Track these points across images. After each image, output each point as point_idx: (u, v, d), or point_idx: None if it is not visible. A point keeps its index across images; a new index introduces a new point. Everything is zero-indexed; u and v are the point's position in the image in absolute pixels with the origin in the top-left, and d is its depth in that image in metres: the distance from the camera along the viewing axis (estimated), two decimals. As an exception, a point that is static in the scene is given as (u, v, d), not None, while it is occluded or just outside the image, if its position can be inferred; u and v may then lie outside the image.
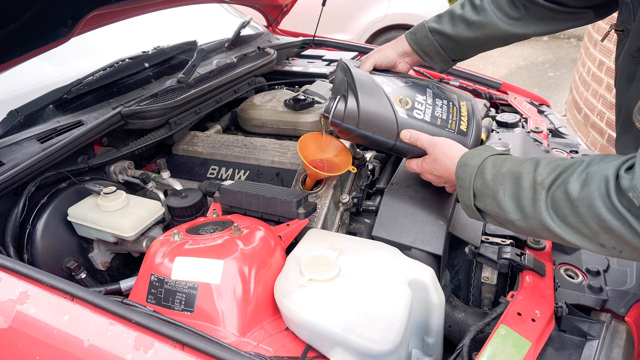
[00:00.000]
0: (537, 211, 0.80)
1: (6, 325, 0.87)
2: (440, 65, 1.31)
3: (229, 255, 0.94)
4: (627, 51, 0.96)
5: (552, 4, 1.13)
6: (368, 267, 0.95)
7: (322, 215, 1.25)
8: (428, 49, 1.28)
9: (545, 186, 0.80)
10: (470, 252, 1.13)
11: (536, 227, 0.82)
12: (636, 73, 0.92)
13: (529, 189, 0.82)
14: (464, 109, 1.20)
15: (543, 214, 0.79)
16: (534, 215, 0.81)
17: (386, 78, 1.20)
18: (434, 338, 0.96)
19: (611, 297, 1.02)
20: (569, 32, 6.99)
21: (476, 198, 0.93)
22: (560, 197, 0.77)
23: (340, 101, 1.13)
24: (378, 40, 5.12)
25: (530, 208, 0.82)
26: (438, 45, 1.26)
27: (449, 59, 1.29)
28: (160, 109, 1.45)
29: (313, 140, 1.32)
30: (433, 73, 2.25)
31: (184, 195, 1.27)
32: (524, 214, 0.83)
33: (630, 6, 0.94)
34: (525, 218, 0.83)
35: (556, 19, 1.16)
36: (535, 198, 0.81)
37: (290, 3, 2.33)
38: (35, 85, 1.48)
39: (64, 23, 1.33)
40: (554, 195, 0.78)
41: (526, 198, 0.82)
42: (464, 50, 1.27)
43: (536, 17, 1.16)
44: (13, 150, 1.23)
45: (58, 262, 1.19)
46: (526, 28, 1.18)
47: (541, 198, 0.80)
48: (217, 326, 0.89)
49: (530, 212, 0.82)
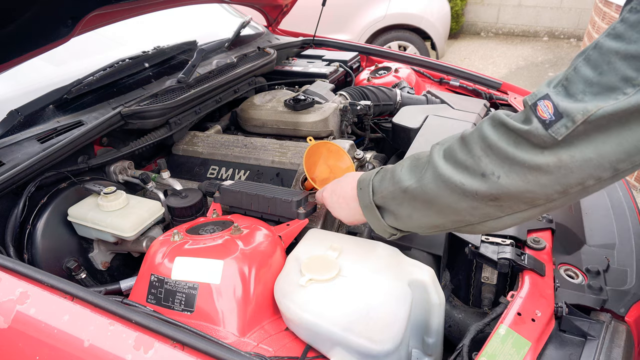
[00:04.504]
0: (430, 164, 0.80)
1: (6, 325, 0.87)
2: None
3: (229, 255, 0.94)
4: None
5: None
6: (368, 267, 0.95)
7: (322, 215, 1.25)
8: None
9: (441, 142, 0.83)
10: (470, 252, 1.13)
11: (427, 183, 0.80)
12: None
13: (427, 155, 0.83)
14: None
15: (436, 163, 0.79)
16: (427, 172, 0.80)
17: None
18: (434, 338, 0.96)
19: (611, 297, 1.02)
20: (569, 32, 7.00)
21: (374, 192, 0.91)
22: (455, 141, 0.78)
23: None
24: (378, 40, 5.12)
25: (423, 166, 0.82)
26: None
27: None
28: (160, 109, 1.45)
29: (320, 149, 1.29)
30: (433, 73, 2.25)
31: (184, 195, 1.27)
32: (417, 175, 0.82)
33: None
34: (418, 179, 0.81)
35: None
36: (430, 156, 0.81)
37: (290, 3, 2.33)
38: (35, 85, 1.48)
39: (64, 23, 1.33)
40: (450, 144, 0.79)
41: (422, 161, 0.83)
42: None
43: None
44: (13, 150, 1.23)
45: (58, 262, 1.19)
46: None
47: (435, 153, 0.81)
48: (217, 326, 0.89)
49: (424, 169, 0.81)
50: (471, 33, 7.61)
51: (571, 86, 0.67)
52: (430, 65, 2.26)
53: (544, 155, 0.67)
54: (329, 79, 1.99)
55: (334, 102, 1.74)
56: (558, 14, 6.99)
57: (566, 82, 0.68)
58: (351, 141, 1.46)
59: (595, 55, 0.65)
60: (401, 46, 5.11)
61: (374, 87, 1.85)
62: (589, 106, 0.63)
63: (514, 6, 7.20)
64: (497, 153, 0.71)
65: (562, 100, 0.66)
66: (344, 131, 1.70)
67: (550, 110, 0.66)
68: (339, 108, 1.67)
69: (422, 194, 0.81)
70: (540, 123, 0.67)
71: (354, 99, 1.79)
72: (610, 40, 0.64)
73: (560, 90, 0.68)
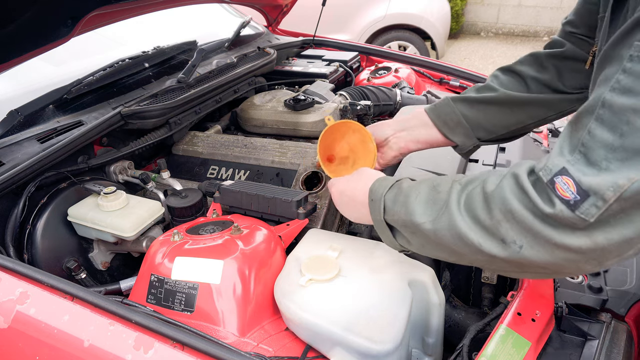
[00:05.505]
0: (447, 210, 0.73)
1: (6, 325, 0.87)
2: (461, 138, 1.14)
3: (229, 255, 0.94)
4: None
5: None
6: (368, 267, 0.95)
7: (322, 215, 1.25)
8: (448, 117, 1.13)
9: (462, 183, 0.75)
10: (470, 252, 1.13)
11: (441, 229, 0.73)
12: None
13: (445, 193, 0.75)
14: None
15: (453, 211, 0.72)
16: (442, 215, 0.73)
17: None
18: (434, 338, 0.96)
19: (611, 297, 1.02)
20: (569, 32, 6.99)
21: (386, 211, 0.84)
22: (476, 193, 0.70)
23: None
24: (378, 40, 5.12)
25: (440, 208, 0.74)
26: (460, 114, 1.12)
27: (472, 134, 1.13)
28: (160, 109, 1.45)
29: (341, 128, 1.19)
30: (433, 73, 2.25)
31: (184, 195, 1.27)
32: (432, 216, 0.75)
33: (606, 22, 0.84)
34: (433, 220, 0.75)
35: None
36: (448, 199, 0.74)
37: (290, 3, 2.33)
38: (35, 85, 1.48)
39: (64, 23, 1.33)
40: (470, 192, 0.72)
41: (439, 200, 0.75)
42: (490, 121, 1.13)
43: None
44: (13, 150, 1.23)
45: (58, 262, 1.19)
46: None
47: (454, 197, 0.73)
48: (217, 326, 0.89)
49: (440, 212, 0.74)
50: (471, 33, 7.61)
51: (590, 153, 0.58)
52: (430, 65, 2.26)
53: (576, 236, 0.59)
54: (329, 79, 1.99)
55: (334, 102, 1.74)
56: (558, 14, 6.99)
57: (583, 149, 0.59)
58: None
59: (608, 115, 0.58)
60: (401, 46, 5.12)
61: (374, 87, 1.85)
62: (619, 179, 0.55)
63: (514, 6, 7.20)
64: (519, 222, 0.63)
65: (585, 174, 0.58)
66: (344, 131, 1.70)
67: (573, 189, 0.58)
68: (339, 108, 1.67)
69: (435, 238, 0.75)
70: (564, 204, 0.59)
71: (354, 99, 1.79)
72: (619, 96, 0.57)
73: (579, 159, 0.59)
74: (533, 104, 1.11)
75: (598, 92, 0.61)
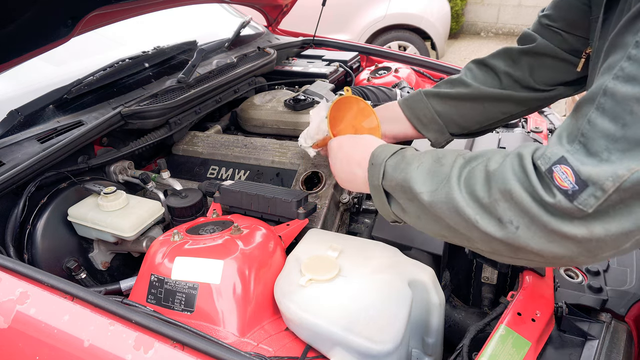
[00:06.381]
0: (448, 183, 0.71)
1: (6, 325, 0.87)
2: (434, 134, 1.17)
3: (229, 255, 0.94)
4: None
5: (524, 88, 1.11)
6: (368, 267, 0.95)
7: (322, 215, 1.25)
8: (422, 113, 1.15)
9: (465, 158, 0.73)
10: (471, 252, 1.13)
11: (439, 201, 0.72)
12: None
13: (448, 166, 0.73)
14: None
15: (452, 185, 0.70)
16: (442, 188, 0.72)
17: None
18: (434, 338, 0.96)
19: (611, 297, 1.02)
20: (569, 32, 7.00)
21: (385, 177, 0.82)
22: (479, 170, 0.69)
23: None
24: (378, 40, 5.12)
25: (440, 180, 0.73)
26: (433, 111, 1.14)
27: (445, 130, 1.16)
28: (160, 109, 1.45)
29: (352, 104, 1.18)
30: (433, 73, 2.25)
31: (184, 195, 1.27)
32: (432, 187, 0.73)
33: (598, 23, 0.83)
34: (432, 192, 0.73)
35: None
36: (450, 172, 0.72)
37: (290, 3, 2.33)
38: (35, 85, 1.48)
39: (64, 23, 1.33)
40: (473, 169, 0.70)
41: (440, 172, 0.74)
42: (463, 117, 1.14)
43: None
44: (13, 150, 1.23)
45: (58, 262, 1.19)
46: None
47: (455, 171, 0.72)
48: (217, 326, 0.89)
49: (440, 184, 0.72)
50: (471, 33, 7.61)
51: (590, 143, 0.57)
52: (430, 65, 2.26)
53: (574, 225, 0.58)
54: (329, 79, 1.99)
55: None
56: (558, 14, 6.98)
57: (583, 139, 0.58)
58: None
59: (610, 104, 0.56)
60: (401, 46, 5.12)
61: (374, 87, 1.85)
62: (619, 169, 0.54)
63: (514, 6, 7.21)
64: (517, 203, 0.62)
65: (584, 164, 0.56)
66: (344, 131, 1.70)
67: (571, 179, 0.57)
68: (339, 108, 1.67)
69: (432, 209, 0.74)
70: (562, 194, 0.58)
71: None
72: (622, 84, 0.55)
73: (578, 148, 0.58)
74: (505, 100, 1.13)
75: (600, 80, 0.59)
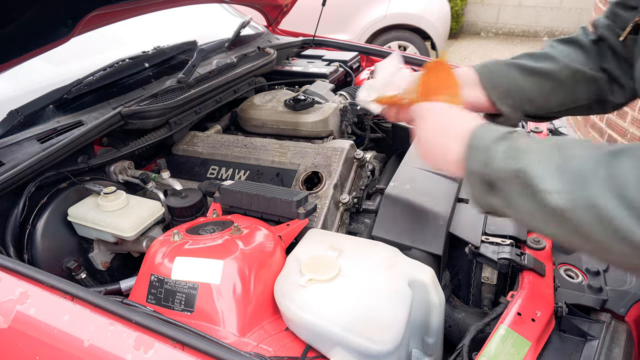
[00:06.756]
0: (591, 185, 0.58)
1: (6, 325, 0.87)
2: (507, 109, 1.00)
3: (229, 255, 0.94)
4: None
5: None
6: (368, 267, 0.95)
7: (322, 215, 1.25)
8: (499, 82, 0.99)
9: (616, 155, 0.59)
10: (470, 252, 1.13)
11: (579, 207, 0.59)
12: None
13: (585, 161, 0.61)
14: None
15: (597, 189, 0.58)
16: (581, 191, 0.59)
17: None
18: (434, 338, 0.96)
19: (611, 297, 1.02)
20: (569, 32, 6.99)
21: (492, 164, 0.68)
22: (633, 170, 0.56)
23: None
24: (378, 40, 5.12)
25: (577, 179, 0.60)
26: (513, 82, 0.98)
27: (520, 106, 0.99)
28: (160, 109, 1.45)
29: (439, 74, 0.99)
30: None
31: (184, 195, 1.27)
32: (564, 187, 0.60)
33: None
34: (566, 193, 0.60)
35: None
36: (592, 171, 0.59)
37: (290, 3, 2.33)
38: (35, 85, 1.48)
39: (64, 23, 1.33)
40: (625, 172, 0.57)
41: (576, 169, 0.61)
42: (545, 97, 0.98)
43: None
44: (13, 150, 1.23)
45: (58, 262, 1.19)
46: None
47: (601, 171, 0.59)
48: (217, 326, 0.89)
49: (576, 184, 0.60)
50: (471, 33, 7.61)
51: None
52: (430, 65, 2.26)
53: None
54: (329, 79, 1.99)
55: (334, 102, 1.74)
56: (558, 14, 6.99)
57: None
58: (351, 141, 1.46)
59: None
60: (401, 46, 5.12)
61: (374, 87, 1.85)
62: None
63: (514, 6, 7.20)
64: None
65: None
66: (344, 131, 1.70)
67: None
68: (339, 108, 1.67)
69: (565, 214, 0.61)
70: None
71: (354, 99, 1.79)
72: None
73: None
74: (596, 82, 0.97)
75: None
